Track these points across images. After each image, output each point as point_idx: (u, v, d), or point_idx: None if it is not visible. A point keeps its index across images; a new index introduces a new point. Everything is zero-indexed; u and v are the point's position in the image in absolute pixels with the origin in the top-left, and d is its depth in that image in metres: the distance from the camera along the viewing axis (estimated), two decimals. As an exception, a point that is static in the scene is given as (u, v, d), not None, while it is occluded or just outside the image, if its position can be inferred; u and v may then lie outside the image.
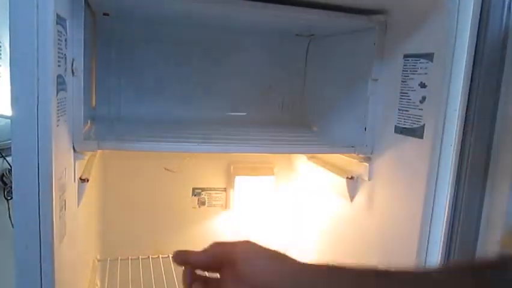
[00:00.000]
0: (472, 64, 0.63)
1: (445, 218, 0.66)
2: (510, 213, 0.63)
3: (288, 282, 0.38)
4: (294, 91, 1.17)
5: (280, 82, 1.16)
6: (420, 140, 0.69)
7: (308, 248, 1.15)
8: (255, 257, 0.41)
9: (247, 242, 0.42)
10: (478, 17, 0.62)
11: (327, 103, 1.04)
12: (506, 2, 0.61)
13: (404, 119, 0.73)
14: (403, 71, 0.73)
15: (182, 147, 0.77)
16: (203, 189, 1.21)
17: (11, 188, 0.53)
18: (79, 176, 0.69)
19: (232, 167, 1.21)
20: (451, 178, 0.65)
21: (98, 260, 1.09)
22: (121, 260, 1.10)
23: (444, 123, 0.65)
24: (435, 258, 0.67)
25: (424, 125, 0.68)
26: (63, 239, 0.55)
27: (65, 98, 0.55)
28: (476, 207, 0.66)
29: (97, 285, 1.05)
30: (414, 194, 0.70)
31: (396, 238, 0.75)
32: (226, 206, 1.23)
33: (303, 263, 0.39)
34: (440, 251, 0.66)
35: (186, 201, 1.20)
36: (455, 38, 0.63)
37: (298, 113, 1.18)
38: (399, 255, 0.73)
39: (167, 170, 1.10)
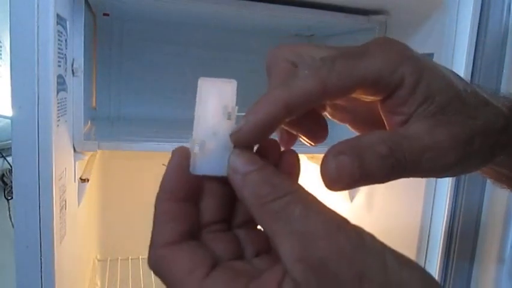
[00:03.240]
0: (472, 64, 0.63)
1: (445, 217, 0.66)
2: (509, 213, 0.63)
3: None
4: (294, 91, 1.17)
5: (280, 82, 1.16)
6: (420, 140, 0.69)
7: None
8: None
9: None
10: (478, 16, 0.62)
11: (327, 103, 1.04)
12: (506, 2, 0.61)
13: (404, 119, 0.73)
14: (403, 71, 0.73)
15: (182, 147, 0.77)
16: (203, 189, 1.21)
17: (11, 188, 0.53)
18: (79, 176, 0.69)
19: (232, 167, 1.20)
20: (451, 177, 0.65)
21: (98, 260, 1.09)
22: (121, 260, 1.10)
23: (444, 123, 0.65)
24: (435, 257, 0.67)
25: (424, 125, 0.68)
26: (63, 239, 0.55)
27: (65, 98, 0.56)
28: (476, 206, 0.66)
29: (97, 285, 1.05)
30: (414, 194, 0.70)
31: (396, 238, 0.75)
32: (226, 206, 1.22)
33: None
34: (440, 251, 0.66)
35: (186, 201, 1.19)
36: (455, 38, 0.63)
37: (298, 113, 1.17)
38: (399, 255, 0.73)
39: (165, 165, 1.10)
